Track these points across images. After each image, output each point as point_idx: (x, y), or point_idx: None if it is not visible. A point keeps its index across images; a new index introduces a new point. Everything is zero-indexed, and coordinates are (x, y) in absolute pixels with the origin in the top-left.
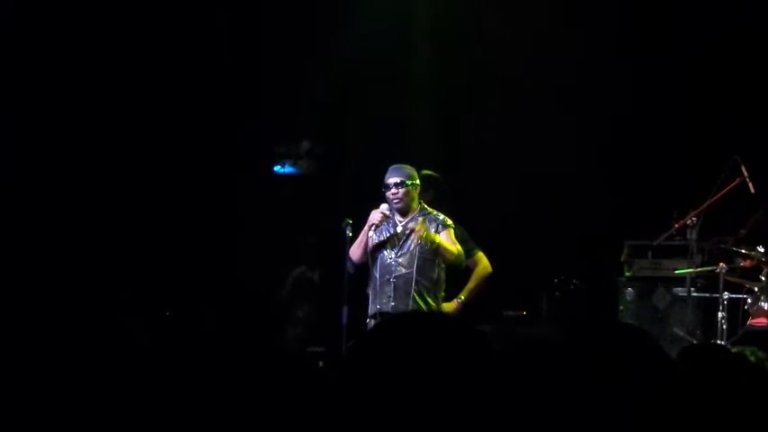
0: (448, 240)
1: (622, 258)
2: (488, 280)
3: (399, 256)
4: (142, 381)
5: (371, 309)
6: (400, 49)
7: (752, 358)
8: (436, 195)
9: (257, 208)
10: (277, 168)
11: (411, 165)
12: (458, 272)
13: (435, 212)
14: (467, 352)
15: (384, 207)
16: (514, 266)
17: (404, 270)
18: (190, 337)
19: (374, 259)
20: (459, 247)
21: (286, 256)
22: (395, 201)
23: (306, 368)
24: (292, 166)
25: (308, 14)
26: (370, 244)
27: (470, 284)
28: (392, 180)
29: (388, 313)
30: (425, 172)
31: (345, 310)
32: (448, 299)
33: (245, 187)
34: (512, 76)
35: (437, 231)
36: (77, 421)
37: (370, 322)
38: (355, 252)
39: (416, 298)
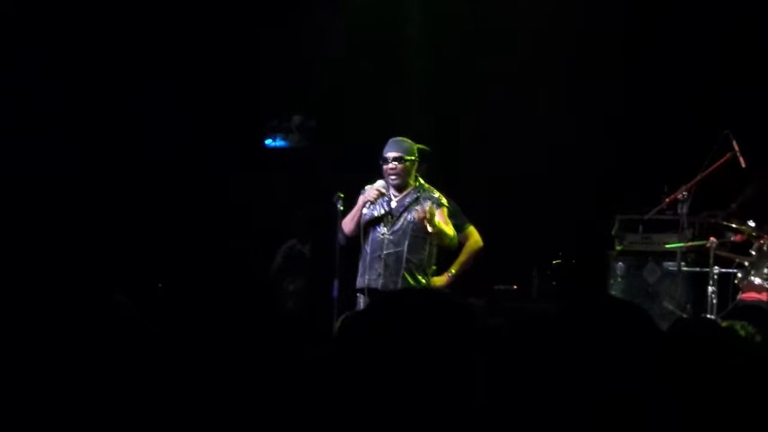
0: (442, 221)
1: (613, 232)
2: (479, 254)
3: (391, 234)
4: (134, 355)
5: (360, 282)
6: (394, 22)
7: (741, 332)
8: (429, 169)
9: (248, 181)
10: (268, 142)
11: (404, 136)
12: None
13: (431, 189)
14: (459, 328)
15: (380, 183)
16: (505, 241)
17: (395, 248)
18: (181, 309)
19: (366, 234)
20: (451, 228)
21: (277, 230)
22: (392, 176)
23: (300, 345)
24: (283, 139)
25: None
26: (363, 219)
27: (461, 258)
28: (391, 154)
29: (376, 289)
30: (417, 146)
31: (336, 283)
32: (439, 272)
33: (236, 161)
34: (504, 46)
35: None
36: (70, 393)
37: (359, 297)
38: (347, 225)
39: (406, 276)
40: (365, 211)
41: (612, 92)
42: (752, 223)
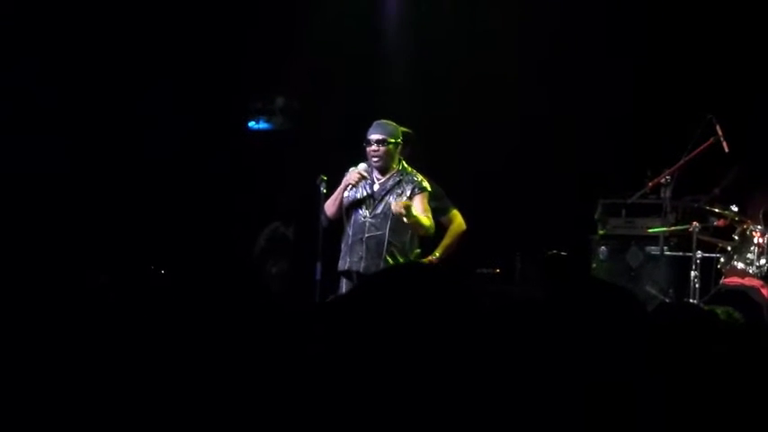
0: (420, 208)
1: (596, 216)
2: (463, 237)
3: (373, 217)
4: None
5: (341, 265)
6: (378, 6)
7: (722, 317)
8: (412, 152)
9: (231, 164)
10: (251, 124)
11: (388, 119)
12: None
13: (414, 173)
14: (450, 305)
15: (362, 167)
16: (489, 224)
17: (376, 231)
18: (171, 294)
19: (348, 217)
20: (429, 216)
21: (260, 212)
22: (375, 158)
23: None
24: (267, 122)
25: None
26: (345, 201)
27: (445, 241)
28: (374, 137)
29: (358, 272)
30: (402, 129)
31: (319, 265)
32: (423, 256)
33: (219, 143)
34: (487, 30)
35: (412, 193)
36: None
37: (342, 279)
38: (330, 208)
39: (388, 259)
40: (348, 193)
41: (596, 76)
42: (735, 208)
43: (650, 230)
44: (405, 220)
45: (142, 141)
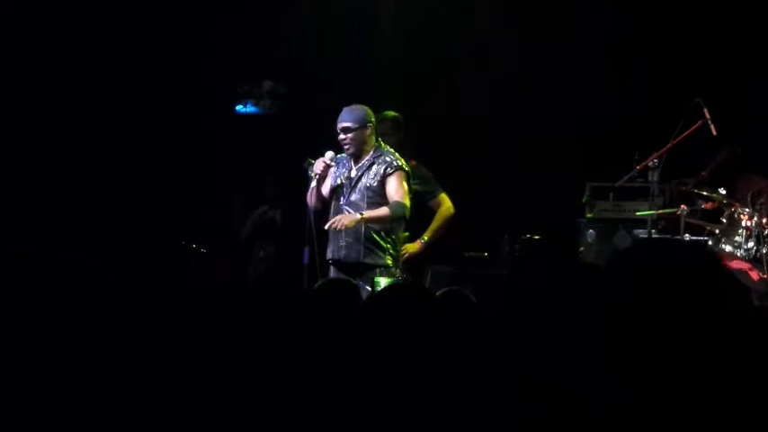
0: (393, 188)
1: (583, 200)
2: (451, 221)
3: (348, 204)
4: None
5: (328, 253)
6: None
7: None
8: (401, 137)
9: (218, 147)
10: (239, 108)
11: (376, 104)
12: (422, 212)
13: (389, 151)
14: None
15: (328, 155)
16: (477, 208)
17: None
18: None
19: (328, 205)
20: (403, 195)
21: (246, 196)
22: (344, 146)
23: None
24: (254, 105)
25: None
26: (326, 190)
27: (434, 225)
28: (340, 125)
29: (339, 260)
30: (391, 114)
31: (307, 250)
32: (411, 239)
33: (206, 126)
34: (477, 10)
35: (385, 173)
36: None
37: (331, 268)
38: (310, 202)
39: (367, 243)
40: (328, 181)
41: (584, 59)
42: (723, 191)
43: (638, 213)
44: (347, 228)
45: (126, 126)
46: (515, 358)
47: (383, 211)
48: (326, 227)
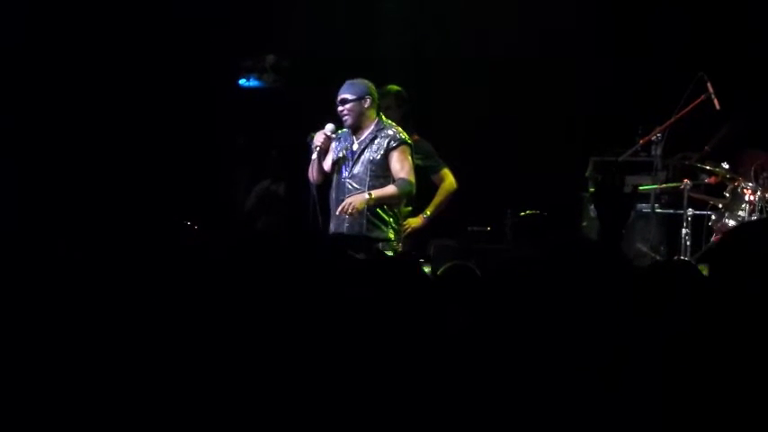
0: (398, 163)
1: (587, 174)
2: (454, 195)
3: (351, 177)
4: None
5: (330, 227)
6: None
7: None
8: (404, 112)
9: (222, 121)
10: (242, 82)
11: (379, 79)
12: (425, 187)
13: (391, 125)
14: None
15: (329, 128)
16: (480, 182)
17: (356, 191)
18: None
19: (330, 179)
20: (407, 170)
21: (251, 170)
22: (343, 118)
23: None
24: (257, 79)
25: None
26: (326, 164)
27: (436, 200)
28: (339, 96)
29: (342, 234)
30: (394, 88)
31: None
32: (414, 214)
33: (209, 100)
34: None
35: (389, 147)
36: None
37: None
38: (311, 176)
39: (370, 217)
40: (331, 155)
41: (588, 33)
42: (726, 165)
43: (641, 188)
44: (355, 213)
45: (133, 99)
46: (517, 341)
47: (390, 189)
48: (338, 212)
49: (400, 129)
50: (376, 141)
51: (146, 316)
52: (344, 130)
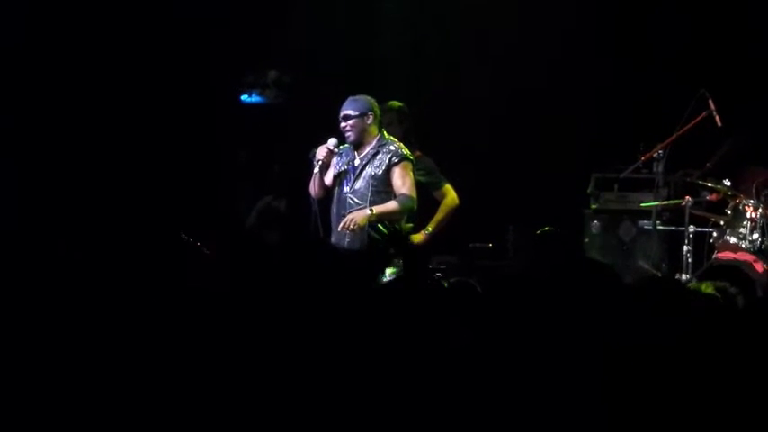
0: (399, 179)
1: (588, 191)
2: (455, 212)
3: (353, 192)
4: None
5: (331, 241)
6: None
7: (707, 290)
8: (406, 128)
9: (224, 136)
10: (244, 98)
11: (381, 96)
12: (427, 203)
13: (393, 141)
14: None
15: (331, 142)
16: (481, 198)
17: (357, 206)
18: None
19: (331, 194)
20: (409, 186)
21: (252, 186)
22: (346, 134)
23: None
24: (259, 95)
25: None
26: (327, 179)
27: (438, 216)
28: (341, 113)
29: (343, 249)
30: (396, 104)
31: None
32: (416, 230)
33: (211, 116)
34: (482, 7)
35: (390, 163)
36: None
37: None
38: (312, 191)
39: (371, 232)
40: (331, 170)
41: (589, 50)
42: (727, 182)
43: (643, 205)
44: (356, 229)
45: (136, 114)
46: (523, 350)
47: (392, 205)
48: (339, 229)
49: (402, 145)
50: (378, 157)
51: (145, 316)
52: (346, 145)
